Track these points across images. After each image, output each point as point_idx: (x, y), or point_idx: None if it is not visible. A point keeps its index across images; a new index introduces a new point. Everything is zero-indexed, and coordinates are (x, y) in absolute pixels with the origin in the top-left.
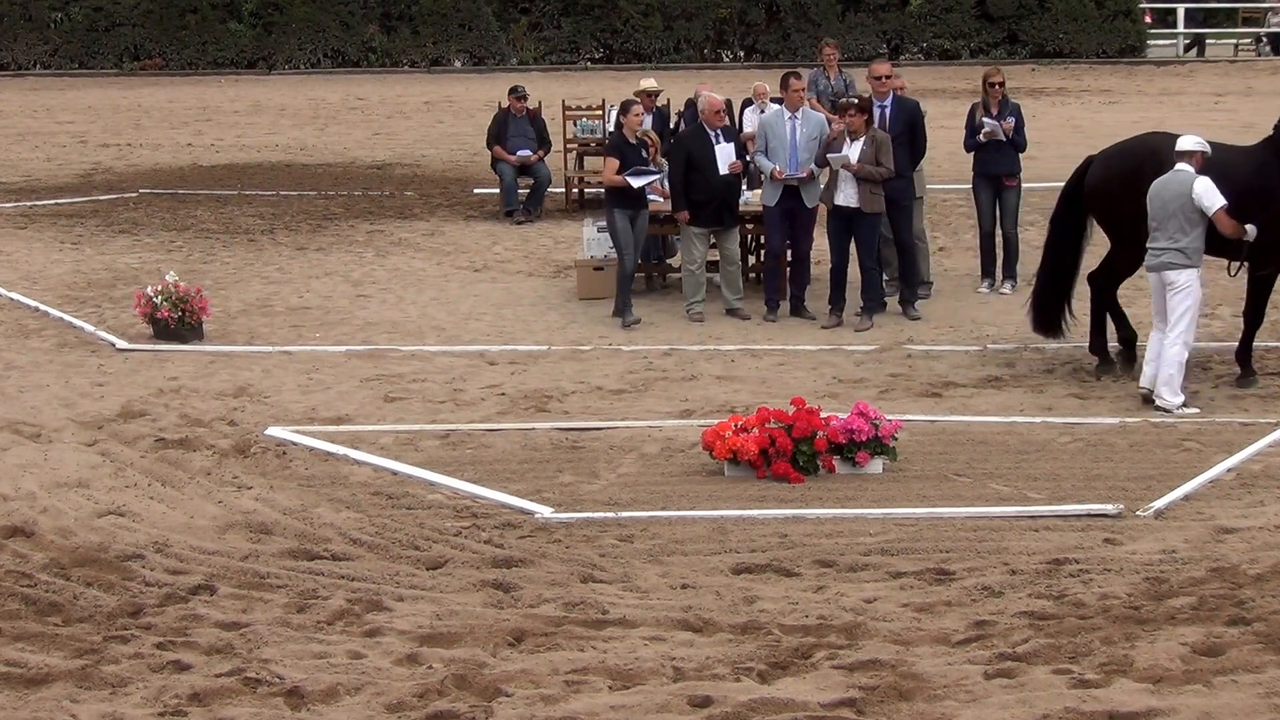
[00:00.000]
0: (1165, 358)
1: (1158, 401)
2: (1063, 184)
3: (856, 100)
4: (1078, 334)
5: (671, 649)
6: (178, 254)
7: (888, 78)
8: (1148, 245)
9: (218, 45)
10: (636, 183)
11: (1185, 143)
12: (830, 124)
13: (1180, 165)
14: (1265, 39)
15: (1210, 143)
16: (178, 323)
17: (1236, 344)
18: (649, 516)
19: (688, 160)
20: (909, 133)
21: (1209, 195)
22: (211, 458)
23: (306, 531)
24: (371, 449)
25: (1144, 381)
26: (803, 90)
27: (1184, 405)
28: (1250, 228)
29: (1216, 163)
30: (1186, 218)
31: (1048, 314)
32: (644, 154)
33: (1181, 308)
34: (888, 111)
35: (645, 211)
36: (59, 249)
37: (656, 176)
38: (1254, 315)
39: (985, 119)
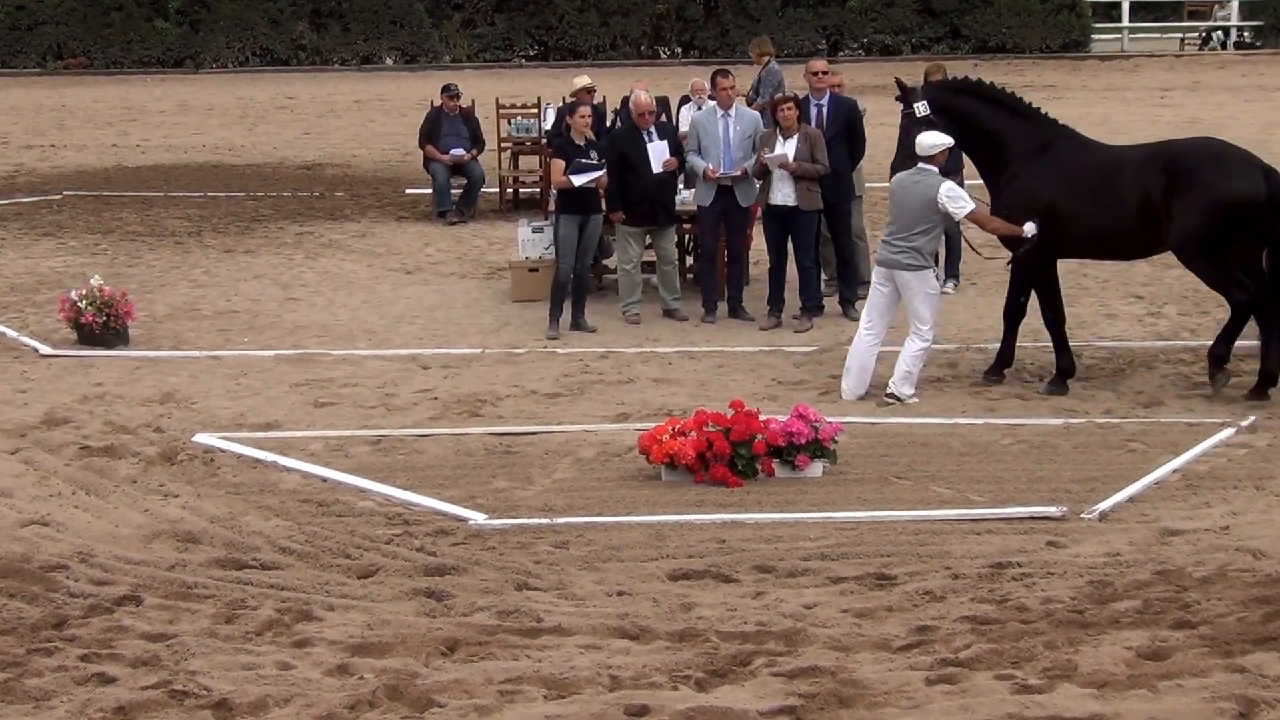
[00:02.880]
0: (907, 353)
1: (891, 390)
2: None
3: (793, 96)
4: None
5: (608, 657)
6: (102, 257)
7: (824, 74)
8: (883, 238)
9: (143, 44)
10: (578, 180)
11: (927, 143)
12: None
13: (923, 165)
14: (1216, 34)
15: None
16: (102, 327)
17: (1181, 342)
18: (584, 522)
19: (621, 160)
20: (847, 131)
21: (957, 201)
22: (137, 465)
23: (235, 540)
24: (301, 455)
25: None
26: (733, 88)
27: (912, 397)
28: (1030, 226)
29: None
30: (926, 219)
31: None
32: (591, 154)
33: (922, 306)
34: (825, 110)
35: (597, 217)
36: None
37: (599, 173)
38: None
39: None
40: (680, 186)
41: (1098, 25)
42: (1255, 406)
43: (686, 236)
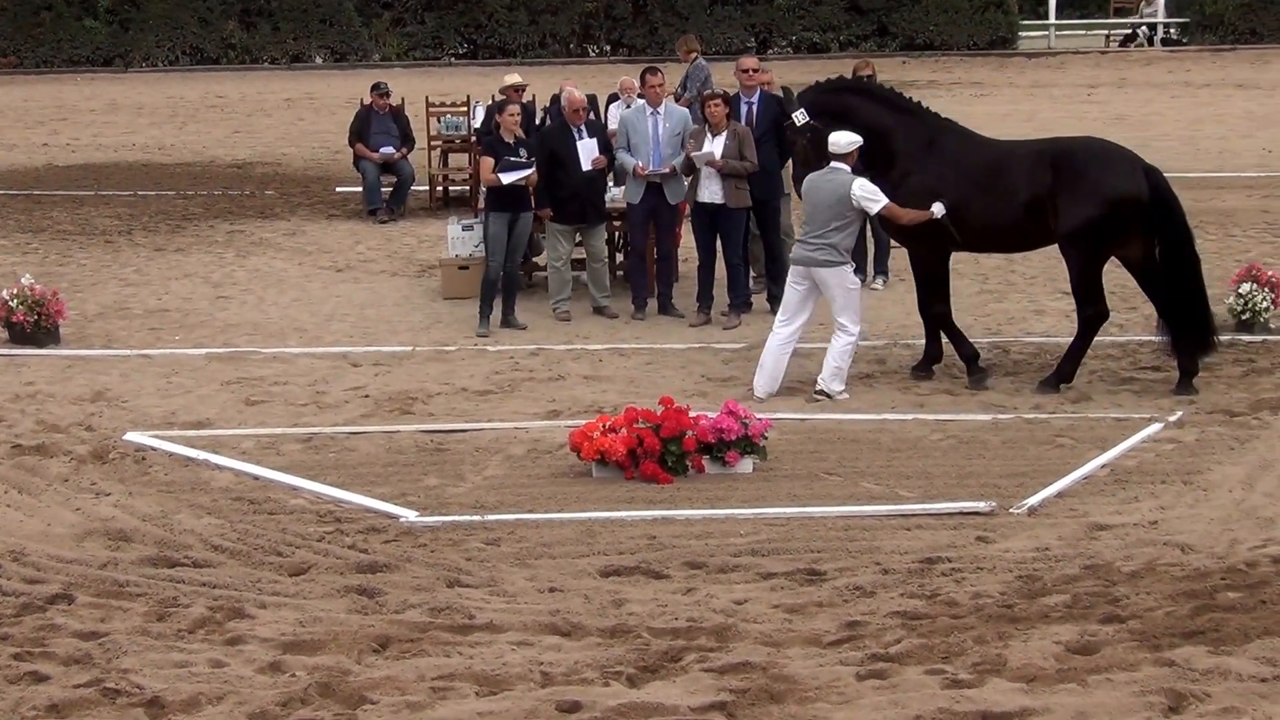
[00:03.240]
0: (835, 349)
1: (820, 386)
2: None
3: (722, 93)
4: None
5: (539, 653)
6: (33, 256)
7: (755, 71)
8: (799, 238)
9: (73, 43)
10: (507, 178)
11: (841, 141)
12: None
13: (836, 164)
14: (1141, 29)
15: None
16: (33, 326)
17: (1109, 338)
18: (516, 519)
19: (551, 157)
20: (776, 129)
21: (871, 196)
22: (69, 464)
23: (166, 538)
24: (232, 453)
25: (765, 377)
26: (661, 86)
27: (842, 393)
28: (938, 206)
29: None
30: (840, 216)
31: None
32: (520, 152)
33: (843, 305)
34: (755, 108)
35: (527, 215)
36: None
37: (527, 171)
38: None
39: None
40: (610, 184)
41: (1025, 22)
42: (1183, 400)
43: (616, 234)
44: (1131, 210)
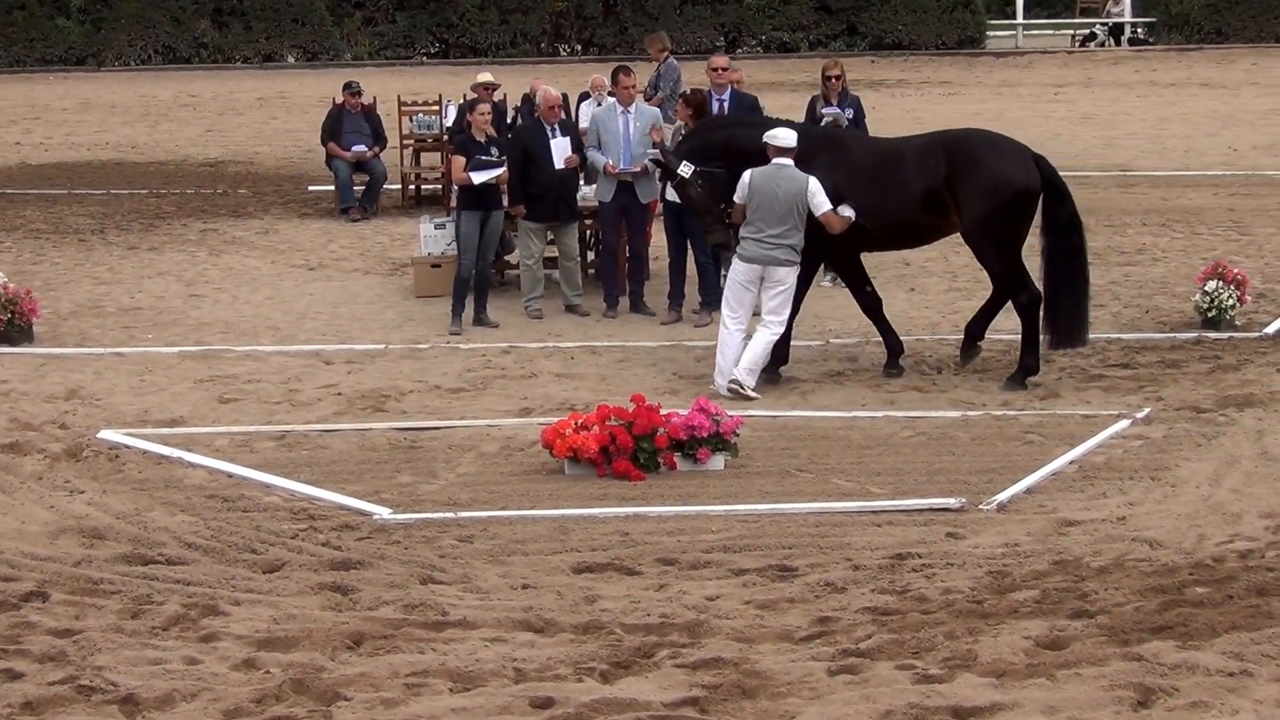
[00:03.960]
0: (760, 344)
1: (736, 378)
2: None
3: (686, 93)
4: (921, 325)
5: (513, 650)
6: (6, 255)
7: (725, 70)
8: (747, 235)
9: (45, 42)
10: (478, 178)
11: (784, 135)
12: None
13: (783, 160)
14: (1100, 28)
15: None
16: (7, 324)
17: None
18: (489, 516)
19: (524, 154)
20: None
21: (820, 195)
22: (43, 462)
23: (140, 536)
24: (206, 451)
25: (726, 377)
26: (633, 86)
27: (754, 391)
28: (845, 208)
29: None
30: (796, 214)
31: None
32: (492, 151)
33: (782, 301)
34: (726, 105)
35: (498, 213)
36: None
37: (498, 171)
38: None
39: (825, 109)
40: (581, 183)
41: (992, 22)
42: (1011, 391)
43: (588, 232)
44: (1028, 199)
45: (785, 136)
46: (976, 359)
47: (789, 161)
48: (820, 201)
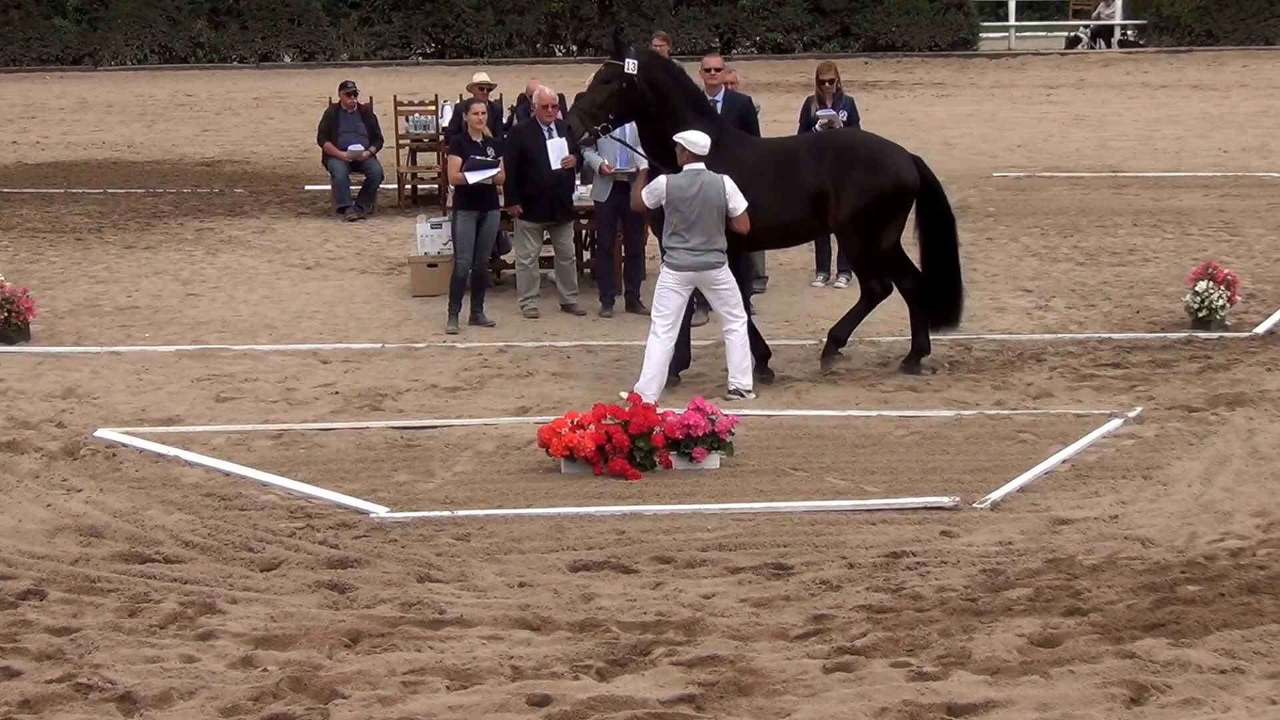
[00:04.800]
0: (737, 343)
1: (734, 386)
2: None
3: None
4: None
5: (509, 648)
6: (3, 254)
7: (718, 70)
8: (675, 245)
9: (42, 41)
10: (473, 178)
11: (700, 141)
12: None
13: (699, 165)
14: (1084, 29)
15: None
16: (4, 323)
17: (1069, 335)
18: (485, 515)
19: (520, 154)
20: (741, 128)
21: (738, 196)
22: (40, 460)
23: (138, 534)
24: (203, 450)
25: (738, 383)
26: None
27: (750, 391)
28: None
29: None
30: (720, 217)
31: None
32: (488, 151)
33: (730, 297)
34: (719, 106)
35: (494, 213)
36: None
37: (494, 171)
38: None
39: (820, 110)
40: (577, 183)
41: (985, 24)
42: (909, 374)
43: (584, 232)
44: (906, 198)
45: (700, 141)
46: (836, 365)
47: (702, 166)
48: (739, 203)
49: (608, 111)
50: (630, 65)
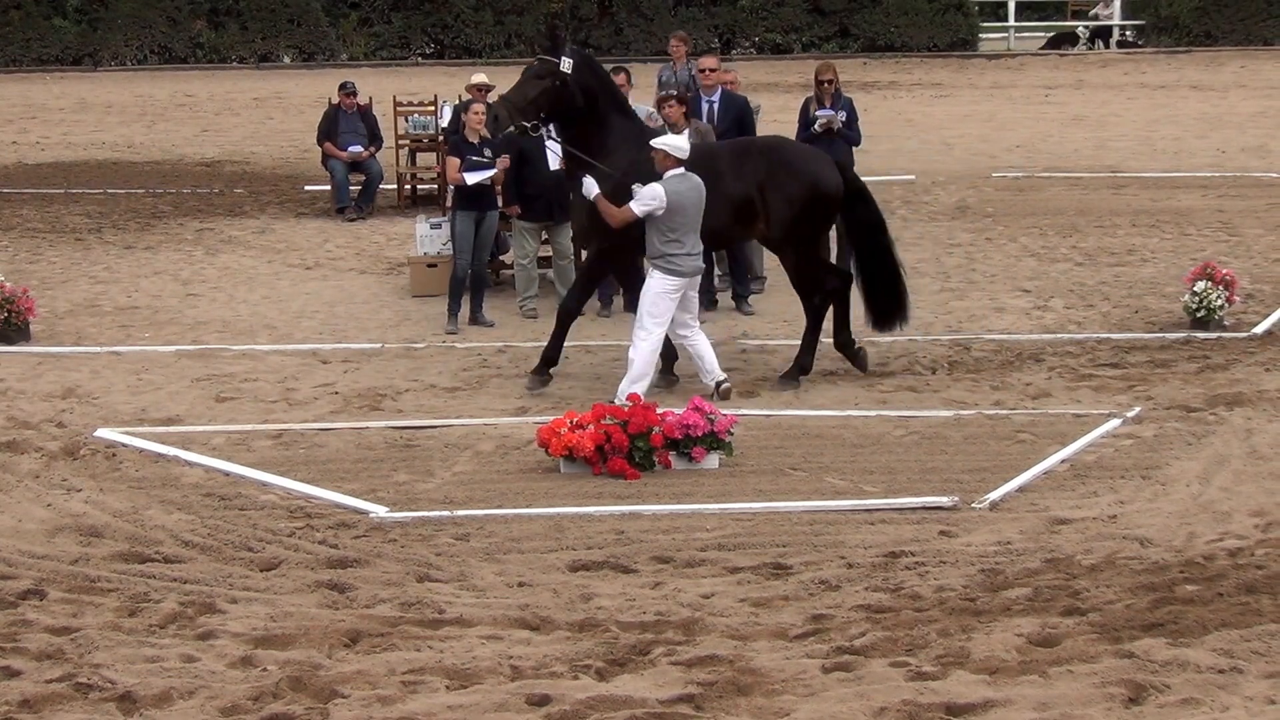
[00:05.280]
0: (704, 341)
1: (720, 379)
2: (893, 178)
3: (675, 93)
4: (914, 325)
5: (509, 647)
6: (3, 254)
7: (714, 70)
8: (677, 251)
9: (42, 41)
10: (471, 178)
11: (684, 145)
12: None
13: (680, 169)
14: (1086, 35)
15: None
16: (3, 324)
17: (1068, 335)
18: (485, 515)
19: (519, 155)
20: (738, 128)
21: (642, 194)
22: (40, 460)
23: (137, 534)
24: (203, 450)
25: (716, 376)
26: (626, 87)
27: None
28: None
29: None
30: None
31: None
32: (485, 152)
33: (694, 304)
34: (716, 107)
35: (493, 213)
36: None
37: (491, 171)
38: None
39: (819, 111)
40: None
41: (984, 24)
42: (784, 389)
43: None
44: (833, 203)
45: (683, 145)
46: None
47: (683, 170)
48: (638, 206)
49: (539, 109)
50: (566, 64)
